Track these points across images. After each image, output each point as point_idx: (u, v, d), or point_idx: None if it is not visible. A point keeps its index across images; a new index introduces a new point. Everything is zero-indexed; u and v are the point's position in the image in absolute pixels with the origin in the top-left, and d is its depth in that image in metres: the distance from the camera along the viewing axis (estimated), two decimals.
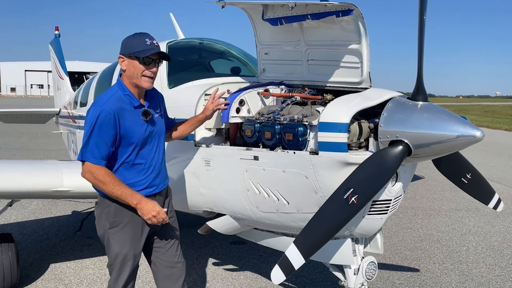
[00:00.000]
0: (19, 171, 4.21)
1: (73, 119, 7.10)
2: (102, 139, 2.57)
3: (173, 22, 6.03)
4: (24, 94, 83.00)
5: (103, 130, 2.56)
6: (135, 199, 2.60)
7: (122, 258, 2.72)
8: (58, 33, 10.51)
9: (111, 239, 2.73)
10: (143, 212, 2.62)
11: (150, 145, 2.76)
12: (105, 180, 2.57)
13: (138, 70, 2.64)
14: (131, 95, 2.70)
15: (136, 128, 2.67)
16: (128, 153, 2.68)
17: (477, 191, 3.81)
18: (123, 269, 2.73)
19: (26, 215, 6.68)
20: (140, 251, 2.80)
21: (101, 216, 2.77)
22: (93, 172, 2.58)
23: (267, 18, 3.22)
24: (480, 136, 2.46)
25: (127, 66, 2.67)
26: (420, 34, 2.58)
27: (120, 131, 2.61)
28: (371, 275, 3.11)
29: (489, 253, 5.47)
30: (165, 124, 2.98)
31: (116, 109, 2.60)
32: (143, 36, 2.67)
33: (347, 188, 2.57)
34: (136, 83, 2.68)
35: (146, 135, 2.72)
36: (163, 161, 2.89)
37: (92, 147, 2.57)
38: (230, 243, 5.52)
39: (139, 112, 2.69)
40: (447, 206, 7.77)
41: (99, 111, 2.57)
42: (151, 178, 2.78)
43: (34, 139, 16.21)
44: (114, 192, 2.58)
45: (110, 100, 2.64)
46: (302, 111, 3.01)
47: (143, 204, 2.61)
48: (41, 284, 4.36)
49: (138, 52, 2.62)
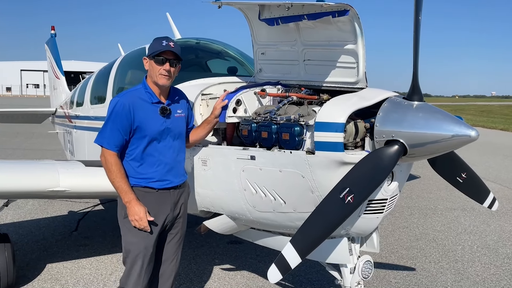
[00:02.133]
0: (15, 171, 4.20)
1: (70, 119, 7.08)
2: (116, 128, 2.80)
3: (169, 22, 6.03)
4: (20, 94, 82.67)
5: (118, 119, 2.80)
6: (127, 197, 2.80)
7: (132, 250, 2.85)
8: (54, 33, 10.49)
9: (125, 228, 2.89)
10: (128, 212, 2.81)
11: (165, 141, 2.92)
12: (111, 168, 2.80)
13: (155, 69, 2.86)
14: (151, 92, 2.91)
15: (151, 121, 2.85)
16: (141, 144, 2.86)
17: (472, 190, 3.84)
18: (135, 262, 2.84)
19: (22, 215, 6.66)
20: (152, 244, 2.89)
21: (120, 205, 2.94)
22: (106, 156, 2.82)
23: (264, 18, 3.23)
24: (475, 136, 2.48)
25: (148, 66, 2.92)
26: (416, 35, 2.60)
27: (134, 122, 2.82)
28: (367, 274, 3.13)
29: (485, 252, 5.50)
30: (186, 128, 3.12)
31: (132, 101, 2.83)
32: (161, 39, 2.89)
33: (343, 187, 2.58)
34: (155, 81, 2.88)
35: (162, 130, 2.88)
36: (178, 159, 3.01)
37: (107, 133, 2.82)
38: (227, 242, 5.53)
39: (157, 108, 2.89)
40: (443, 205, 7.81)
41: (116, 102, 2.85)
42: (162, 173, 2.91)
43: (30, 139, 16.15)
44: (114, 182, 2.82)
45: (128, 94, 2.92)
46: (299, 111, 3.02)
47: (132, 205, 2.79)
48: (38, 284, 4.35)
49: (154, 52, 2.86)
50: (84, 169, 4.17)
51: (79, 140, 6.36)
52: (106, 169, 2.83)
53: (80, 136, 6.28)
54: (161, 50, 2.83)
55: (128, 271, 2.88)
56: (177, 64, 2.92)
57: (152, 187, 2.91)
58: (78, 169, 4.17)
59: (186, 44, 5.03)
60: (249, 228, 3.62)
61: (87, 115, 5.91)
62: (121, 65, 5.27)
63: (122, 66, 5.27)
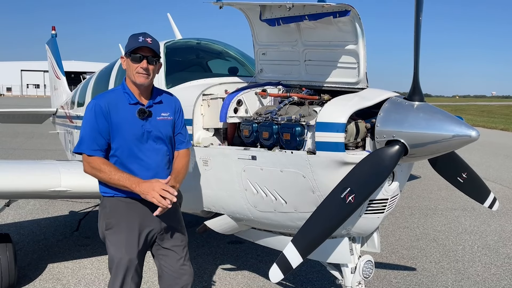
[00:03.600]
0: (17, 171, 4.21)
1: (70, 119, 7.10)
2: (95, 130, 2.62)
3: (170, 22, 6.03)
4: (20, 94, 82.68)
5: (97, 121, 2.62)
6: (133, 182, 2.55)
7: (117, 262, 2.66)
8: (55, 33, 10.49)
9: (108, 241, 2.71)
10: (145, 192, 2.52)
11: (147, 144, 2.69)
12: (101, 168, 2.58)
13: (132, 67, 2.68)
14: (129, 92, 2.72)
15: (128, 124, 2.65)
16: (120, 149, 2.66)
17: (472, 190, 3.84)
18: (118, 273, 2.66)
19: (23, 215, 6.67)
20: (137, 256, 2.70)
21: (100, 217, 2.77)
22: (89, 162, 2.61)
23: (265, 18, 3.24)
24: (475, 136, 2.49)
25: (125, 65, 2.74)
26: (416, 35, 2.60)
27: (111, 124, 2.64)
28: (368, 274, 3.13)
29: (485, 252, 5.51)
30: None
31: (109, 102, 2.66)
32: (138, 35, 2.70)
33: (344, 187, 2.59)
34: (132, 80, 2.70)
35: (141, 133, 2.67)
36: (163, 165, 2.76)
37: (86, 138, 2.63)
38: (228, 242, 5.54)
39: (135, 109, 2.68)
40: (444, 205, 7.81)
41: (93, 105, 2.67)
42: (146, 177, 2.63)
43: (31, 139, 16.16)
44: (111, 179, 2.57)
45: (105, 95, 2.76)
46: (300, 111, 3.03)
47: (142, 185, 2.53)
48: (39, 284, 4.36)
49: (129, 50, 2.67)
50: None
51: None
52: (97, 172, 2.58)
53: None
54: (137, 47, 2.63)
55: (113, 281, 2.69)
56: (157, 62, 2.70)
57: (135, 198, 2.63)
58: (79, 169, 4.12)
59: (187, 44, 5.03)
60: (250, 228, 3.63)
61: None
62: (121, 65, 5.27)
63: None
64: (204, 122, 3.46)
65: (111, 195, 2.70)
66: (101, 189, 2.74)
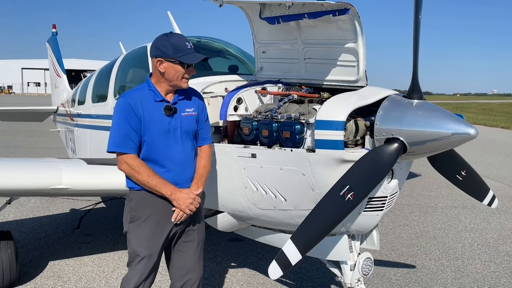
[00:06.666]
0: (18, 169, 4.22)
1: (71, 117, 7.11)
2: (129, 128, 2.61)
3: (170, 20, 6.03)
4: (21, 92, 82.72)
5: (127, 118, 2.61)
6: (169, 190, 2.61)
7: (137, 256, 2.68)
8: (56, 31, 10.49)
9: (130, 234, 2.72)
10: (179, 202, 2.61)
11: (173, 140, 2.71)
12: (140, 170, 2.60)
13: (180, 73, 2.67)
14: (155, 90, 2.71)
15: (155, 121, 2.66)
16: (148, 145, 2.67)
17: (471, 188, 3.85)
18: (136, 267, 2.68)
19: (24, 213, 6.69)
20: (158, 250, 2.72)
21: (126, 210, 2.77)
22: (128, 162, 2.61)
23: (265, 17, 3.25)
24: (474, 134, 2.50)
25: (167, 69, 2.66)
26: (416, 33, 2.61)
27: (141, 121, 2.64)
28: (367, 271, 3.15)
29: (485, 249, 5.52)
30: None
31: (136, 100, 2.65)
32: (182, 39, 2.69)
33: (343, 185, 2.60)
34: (176, 85, 2.70)
35: (167, 130, 2.68)
36: (189, 159, 2.79)
37: (121, 137, 2.61)
38: (228, 240, 5.55)
39: (161, 106, 2.69)
40: (444, 203, 7.82)
41: (122, 102, 2.66)
42: (174, 175, 2.70)
43: (31, 137, 16.18)
44: (149, 182, 2.60)
45: (132, 92, 2.73)
46: (299, 109, 3.04)
47: (178, 194, 2.62)
48: (40, 281, 4.38)
49: (183, 57, 2.64)
50: (86, 167, 4.18)
51: (81, 138, 6.39)
52: (134, 173, 2.60)
53: (82, 134, 6.31)
54: (196, 60, 2.68)
55: (130, 275, 2.70)
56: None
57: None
58: (80, 167, 4.19)
59: None
60: (250, 225, 3.64)
61: (88, 113, 5.94)
62: (122, 64, 5.29)
63: (124, 64, 5.29)
64: None
65: (138, 189, 2.69)
66: (128, 183, 2.75)
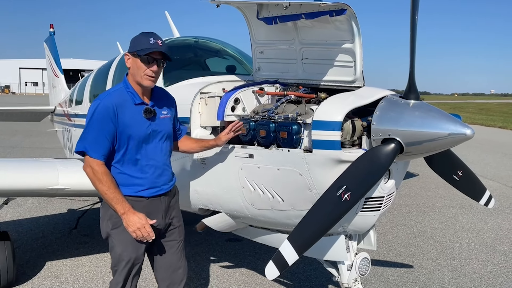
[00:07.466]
0: (15, 169, 4.22)
1: (69, 117, 7.10)
2: (102, 134, 2.57)
3: (168, 20, 6.04)
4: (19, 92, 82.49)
5: (102, 123, 2.57)
6: (123, 208, 2.57)
7: (123, 260, 2.69)
8: (53, 31, 10.47)
9: (114, 240, 2.71)
10: (127, 224, 2.58)
11: (153, 143, 2.71)
12: (102, 179, 2.57)
13: (140, 68, 2.62)
14: (133, 92, 2.69)
15: (136, 124, 2.64)
16: (127, 149, 2.65)
17: (468, 188, 3.86)
18: (123, 271, 2.70)
19: (21, 213, 6.68)
20: (142, 254, 2.75)
21: (105, 217, 2.74)
22: (94, 167, 2.58)
23: (262, 17, 3.24)
24: (470, 134, 2.51)
25: (131, 64, 2.67)
26: (412, 34, 2.62)
27: (118, 126, 2.60)
28: (364, 271, 3.16)
29: (482, 249, 5.53)
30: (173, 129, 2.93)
31: (115, 103, 2.60)
32: (148, 35, 2.65)
33: (340, 185, 2.61)
34: (139, 81, 2.66)
35: (148, 133, 2.67)
36: (167, 163, 2.83)
37: (93, 141, 2.58)
38: (226, 240, 5.56)
39: (140, 109, 2.67)
40: (441, 203, 7.84)
41: (97, 105, 2.61)
42: (153, 178, 2.72)
43: (29, 137, 16.14)
44: (107, 194, 2.57)
45: (110, 95, 2.67)
46: (297, 109, 3.04)
47: (129, 215, 2.57)
48: (37, 282, 4.38)
49: (140, 51, 2.60)
50: None
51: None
52: (96, 180, 2.57)
53: (79, 134, 6.29)
54: (150, 50, 2.58)
55: (117, 279, 2.72)
56: (164, 64, 2.70)
57: (142, 196, 2.69)
58: (77, 167, 4.15)
59: (185, 42, 5.04)
60: (247, 225, 3.64)
61: (86, 113, 5.93)
62: (120, 63, 5.28)
63: (121, 64, 5.27)
64: (202, 120, 3.47)
65: None
66: None
